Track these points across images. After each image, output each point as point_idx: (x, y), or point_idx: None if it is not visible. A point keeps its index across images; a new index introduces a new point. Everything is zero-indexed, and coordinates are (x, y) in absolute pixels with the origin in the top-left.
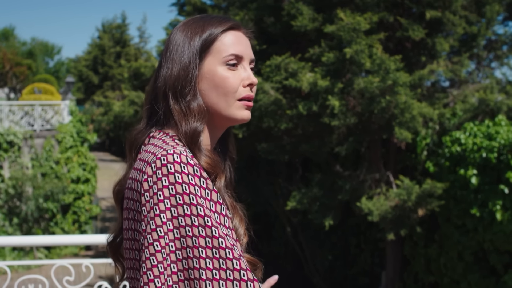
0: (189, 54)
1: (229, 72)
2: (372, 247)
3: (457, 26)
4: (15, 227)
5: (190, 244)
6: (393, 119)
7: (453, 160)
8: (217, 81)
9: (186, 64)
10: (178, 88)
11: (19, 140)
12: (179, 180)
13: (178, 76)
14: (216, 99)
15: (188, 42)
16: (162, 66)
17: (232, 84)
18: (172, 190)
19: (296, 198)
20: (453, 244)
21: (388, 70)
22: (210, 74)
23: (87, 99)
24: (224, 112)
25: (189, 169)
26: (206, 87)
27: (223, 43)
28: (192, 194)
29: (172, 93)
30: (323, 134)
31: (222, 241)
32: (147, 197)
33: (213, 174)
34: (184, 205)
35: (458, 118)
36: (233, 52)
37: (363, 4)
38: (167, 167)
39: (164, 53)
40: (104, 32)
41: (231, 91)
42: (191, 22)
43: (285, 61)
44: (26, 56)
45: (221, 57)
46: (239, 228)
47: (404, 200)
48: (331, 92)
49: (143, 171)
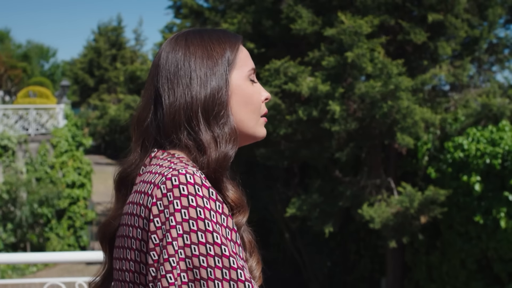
0: (220, 71)
1: (253, 88)
2: (371, 253)
3: (459, 29)
4: (9, 232)
5: (204, 276)
6: (394, 125)
7: (455, 166)
8: (246, 98)
9: (219, 83)
10: (211, 113)
11: (13, 144)
12: (192, 204)
13: (211, 99)
14: (245, 116)
15: (211, 58)
16: (175, 89)
17: (258, 100)
18: (184, 215)
19: (296, 205)
20: (456, 251)
21: (390, 75)
22: (239, 90)
23: (82, 102)
24: (250, 130)
25: (204, 192)
26: (235, 104)
27: (241, 58)
28: (207, 220)
29: (204, 120)
30: (322, 139)
31: (240, 273)
32: (158, 223)
33: (238, 209)
34: (198, 232)
35: (460, 123)
36: (252, 66)
37: (363, 7)
38: (179, 188)
39: (169, 73)
40: (99, 35)
41: (258, 107)
42: (200, 38)
43: (284, 65)
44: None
45: (246, 71)
46: (255, 270)
47: (407, 207)
48: (331, 97)
49: (149, 193)
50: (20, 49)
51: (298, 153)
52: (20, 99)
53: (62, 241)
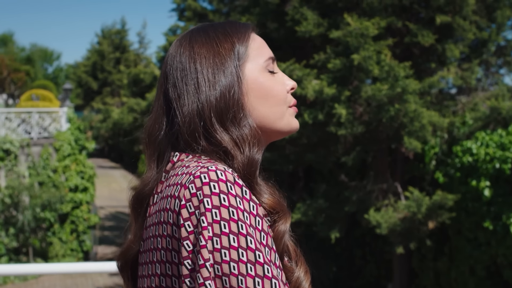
0: (229, 69)
1: (273, 79)
2: (378, 258)
3: (468, 31)
4: (11, 237)
5: (234, 285)
6: (402, 128)
7: (464, 171)
8: (266, 91)
9: (229, 82)
10: (226, 114)
11: (16, 148)
12: (224, 203)
13: (223, 100)
14: (268, 111)
15: (219, 55)
16: (184, 95)
17: (281, 91)
18: (216, 215)
19: (301, 210)
20: (465, 257)
21: (397, 77)
22: (256, 84)
23: (86, 105)
24: (277, 125)
25: (237, 190)
26: (253, 99)
27: (254, 48)
28: (241, 221)
29: (219, 122)
30: (328, 143)
31: (275, 283)
32: (190, 226)
33: (277, 215)
34: (230, 235)
35: (468, 127)
36: (269, 55)
37: (370, 9)
38: (210, 186)
39: (177, 79)
40: (103, 38)
41: (282, 99)
42: (205, 34)
43: (289, 68)
44: (25, 62)
45: (262, 63)
46: (303, 281)
47: (414, 212)
48: (337, 100)
49: (176, 196)
50: (23, 52)
51: (303, 157)
52: (23, 102)
53: (65, 246)
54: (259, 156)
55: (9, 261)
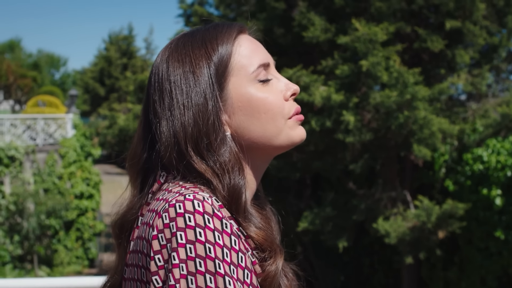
0: (202, 87)
1: (265, 89)
2: (386, 267)
3: (478, 37)
4: (16, 244)
5: None
6: (411, 136)
7: (475, 179)
8: (255, 107)
9: (202, 104)
10: (201, 141)
11: (21, 155)
12: (200, 238)
13: (196, 127)
14: (261, 130)
15: (192, 72)
16: (161, 120)
17: (277, 102)
18: (190, 252)
19: (308, 219)
20: (476, 268)
21: (407, 84)
22: (243, 101)
23: (93, 111)
24: (276, 140)
25: (216, 223)
26: (243, 118)
27: (242, 55)
28: (218, 260)
29: (194, 150)
30: (336, 150)
31: None
32: (160, 261)
33: (267, 252)
34: (206, 274)
35: (478, 134)
36: (260, 62)
37: (378, 14)
38: (185, 218)
39: (155, 102)
40: (110, 44)
41: (279, 111)
42: (181, 46)
43: (296, 74)
44: (32, 68)
45: (248, 74)
46: None
47: (424, 221)
48: (345, 107)
49: (150, 224)
50: (30, 58)
51: (310, 164)
52: (30, 108)
53: (70, 253)
54: (242, 182)
55: (13, 269)
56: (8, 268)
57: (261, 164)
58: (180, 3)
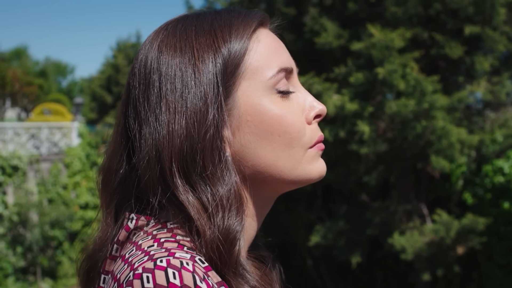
0: (204, 87)
1: (284, 105)
2: (400, 282)
3: (498, 43)
4: (19, 256)
5: None
6: (428, 146)
7: (495, 192)
8: (270, 125)
9: (200, 110)
10: (192, 160)
11: (24, 164)
12: None
13: (189, 137)
14: (273, 156)
15: (193, 65)
16: (142, 125)
17: (296, 125)
18: None
19: (320, 233)
20: (496, 285)
21: (425, 92)
22: (254, 115)
23: (100, 120)
24: (289, 174)
25: None
26: (250, 138)
27: (259, 54)
28: None
29: (180, 172)
30: (349, 161)
31: None
32: None
33: None
34: None
35: (498, 144)
36: (281, 65)
37: (394, 20)
38: None
39: (137, 99)
40: (118, 51)
41: (298, 137)
42: (182, 29)
43: (309, 82)
44: (39, 75)
45: (265, 80)
46: None
47: (442, 236)
48: (360, 117)
49: None
50: (37, 66)
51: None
52: (36, 116)
53: (75, 265)
54: (239, 226)
55: (16, 281)
56: (10, 281)
57: (264, 203)
58: (188, 9)
